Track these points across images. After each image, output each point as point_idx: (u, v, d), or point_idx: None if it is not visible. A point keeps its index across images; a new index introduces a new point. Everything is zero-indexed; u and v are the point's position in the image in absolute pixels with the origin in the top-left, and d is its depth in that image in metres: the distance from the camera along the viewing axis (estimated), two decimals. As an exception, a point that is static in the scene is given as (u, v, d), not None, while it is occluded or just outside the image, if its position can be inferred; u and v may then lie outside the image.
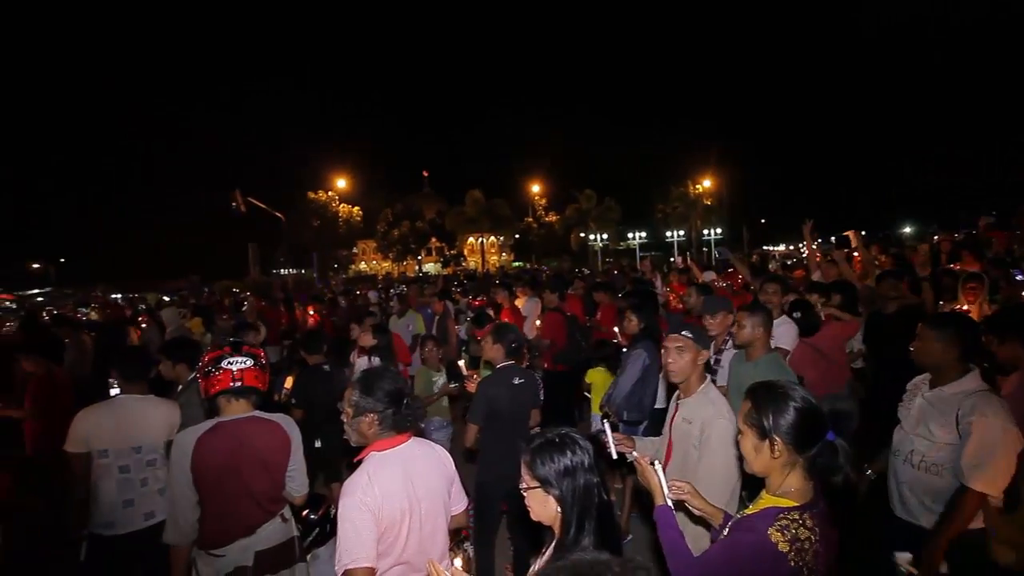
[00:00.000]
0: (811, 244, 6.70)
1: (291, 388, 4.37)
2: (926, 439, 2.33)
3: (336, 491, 3.90)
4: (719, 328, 3.61)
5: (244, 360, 2.30)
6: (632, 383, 3.73)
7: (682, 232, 44.37)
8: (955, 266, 6.22)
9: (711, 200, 44.09)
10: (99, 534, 2.72)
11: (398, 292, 11.40)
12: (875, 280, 4.81)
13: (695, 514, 1.94)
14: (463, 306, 9.59)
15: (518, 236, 50.02)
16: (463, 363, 4.05)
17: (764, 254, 21.63)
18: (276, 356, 7.81)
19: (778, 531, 1.41)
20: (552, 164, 48.32)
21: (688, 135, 62.29)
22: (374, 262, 52.89)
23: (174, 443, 2.24)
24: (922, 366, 2.46)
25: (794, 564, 1.39)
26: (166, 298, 15.40)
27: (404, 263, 49.81)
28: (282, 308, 9.69)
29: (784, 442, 1.49)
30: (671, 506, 1.76)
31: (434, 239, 50.56)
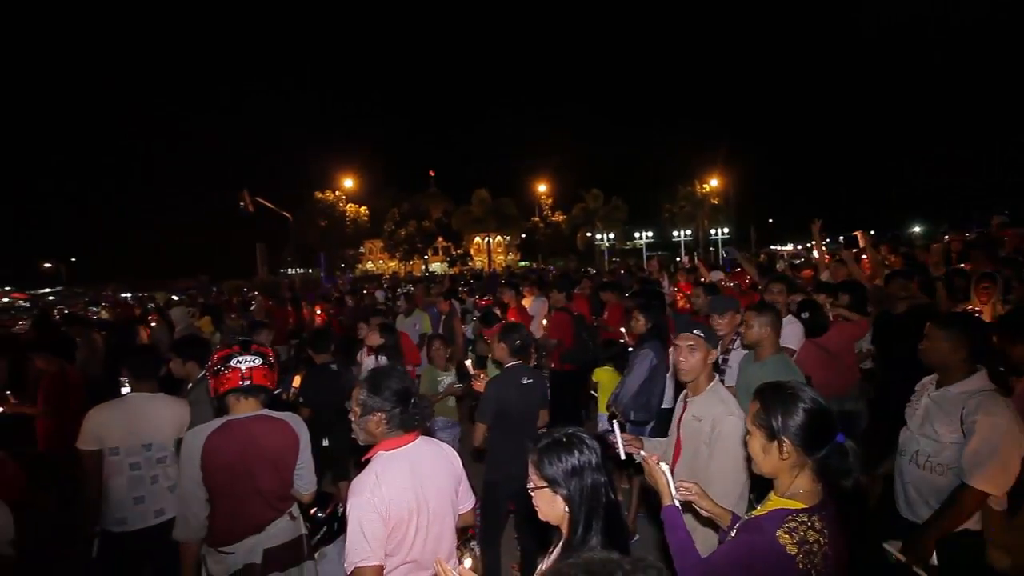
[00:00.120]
0: (820, 244, 6.65)
1: (299, 387, 4.40)
2: (931, 439, 2.32)
3: (344, 489, 3.93)
4: (727, 328, 3.61)
5: (253, 359, 2.31)
6: (639, 383, 3.72)
7: (689, 232, 44.18)
8: (966, 266, 6.15)
9: (718, 199, 43.92)
10: (110, 531, 2.76)
11: (404, 292, 11.43)
12: (884, 280, 4.77)
13: (703, 515, 1.93)
14: (469, 305, 9.61)
15: (524, 236, 50.00)
16: (470, 363, 4.06)
17: (772, 254, 21.50)
18: (283, 355, 7.87)
19: (786, 533, 1.41)
20: (559, 164, 48.32)
21: (695, 134, 62.20)
22: (381, 261, 53.06)
23: (184, 441, 2.26)
24: (929, 365, 2.46)
25: (802, 567, 1.38)
26: (175, 297, 15.51)
27: (411, 262, 49.92)
28: (289, 307, 9.75)
29: (793, 443, 1.48)
30: (679, 506, 1.76)
31: (440, 239, 50.68)
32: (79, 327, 6.94)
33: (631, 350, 4.20)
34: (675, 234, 44.58)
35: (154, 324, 8.51)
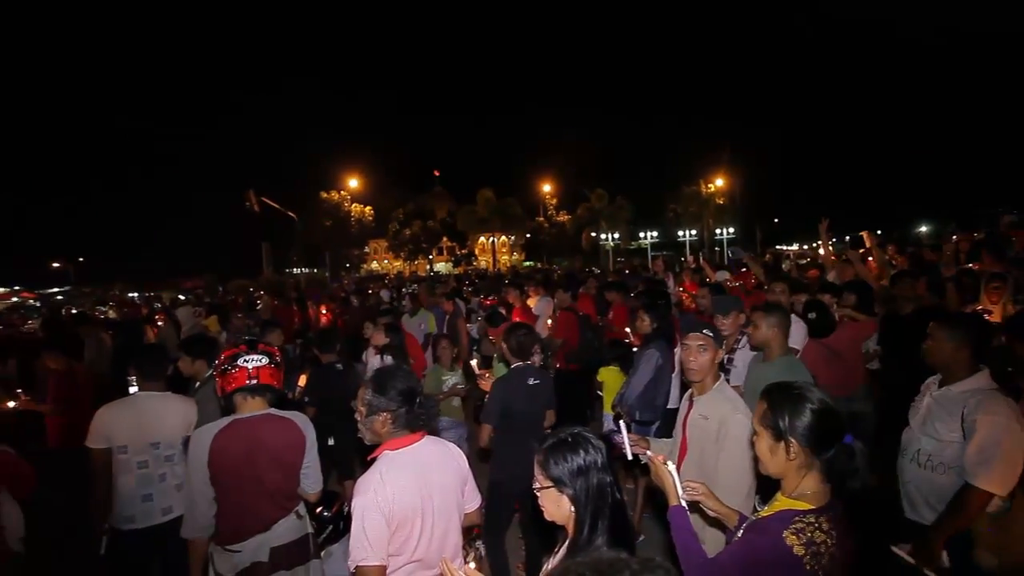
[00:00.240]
0: (826, 243, 6.61)
1: (305, 386, 4.42)
2: (933, 438, 2.32)
3: (349, 489, 3.94)
4: (731, 328, 3.60)
5: (259, 358, 2.32)
6: (645, 383, 3.71)
7: (694, 231, 43.99)
8: (975, 266, 6.10)
9: (723, 199, 43.69)
10: (119, 528, 2.78)
11: (409, 291, 11.45)
12: (890, 281, 4.74)
13: (710, 515, 1.92)
14: (475, 305, 9.61)
15: (529, 235, 49.93)
16: (475, 362, 4.06)
17: (777, 253, 21.40)
18: (289, 354, 7.88)
19: (793, 534, 1.40)
20: (563, 163, 48.18)
21: (700, 134, 61.90)
22: (386, 261, 53.14)
23: (191, 440, 2.27)
24: (932, 365, 2.46)
25: (809, 568, 1.37)
26: (181, 297, 15.61)
27: (415, 262, 49.98)
28: (295, 307, 9.79)
29: (800, 444, 1.47)
30: (685, 507, 1.75)
31: (445, 238, 50.69)
32: (87, 326, 7.00)
33: (636, 350, 4.19)
34: (680, 234, 44.40)
35: (161, 323, 8.58)
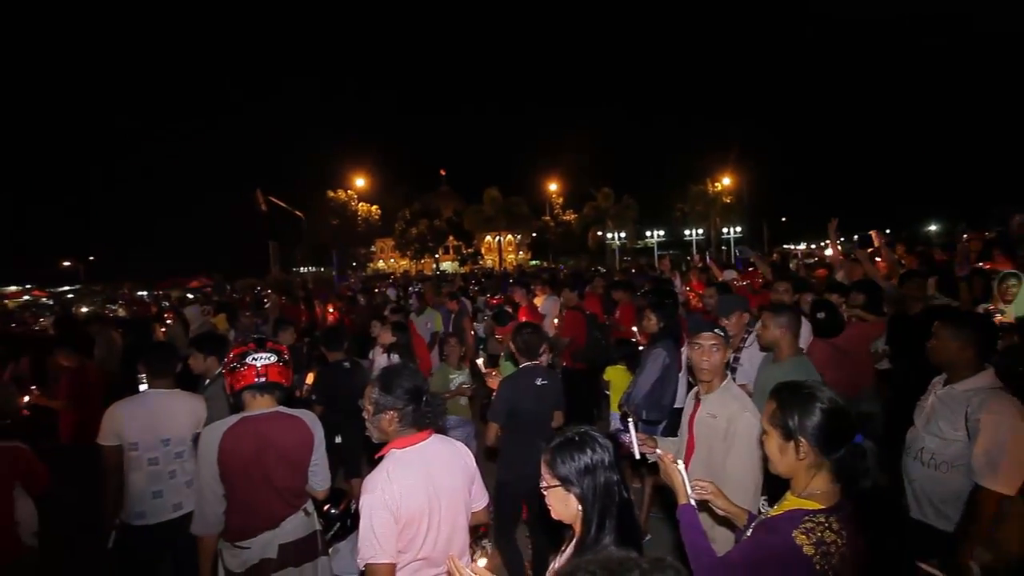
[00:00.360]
0: (835, 243, 6.56)
1: (312, 384, 4.44)
2: (936, 436, 2.32)
3: (356, 487, 3.96)
4: (736, 328, 3.62)
5: (268, 356, 2.34)
6: (652, 382, 3.70)
7: (701, 231, 43.79)
8: (985, 265, 6.04)
9: (730, 198, 43.46)
10: (130, 524, 2.81)
11: (416, 290, 11.48)
12: (899, 280, 4.70)
13: (719, 514, 1.92)
14: (481, 304, 9.62)
15: (535, 235, 49.89)
16: (481, 361, 4.07)
17: (785, 253, 21.28)
18: (296, 353, 7.91)
19: (803, 534, 1.39)
20: (570, 162, 48.06)
21: (707, 132, 61.66)
22: (392, 260, 53.27)
23: (201, 437, 2.29)
24: (937, 364, 2.46)
25: (819, 568, 1.37)
26: (189, 296, 15.71)
27: (422, 261, 50.07)
28: (302, 305, 9.84)
29: (810, 443, 1.47)
30: (694, 505, 1.75)
31: (451, 237, 50.74)
32: (97, 324, 7.07)
33: (643, 349, 4.18)
34: (687, 233, 44.23)
35: (169, 322, 8.64)
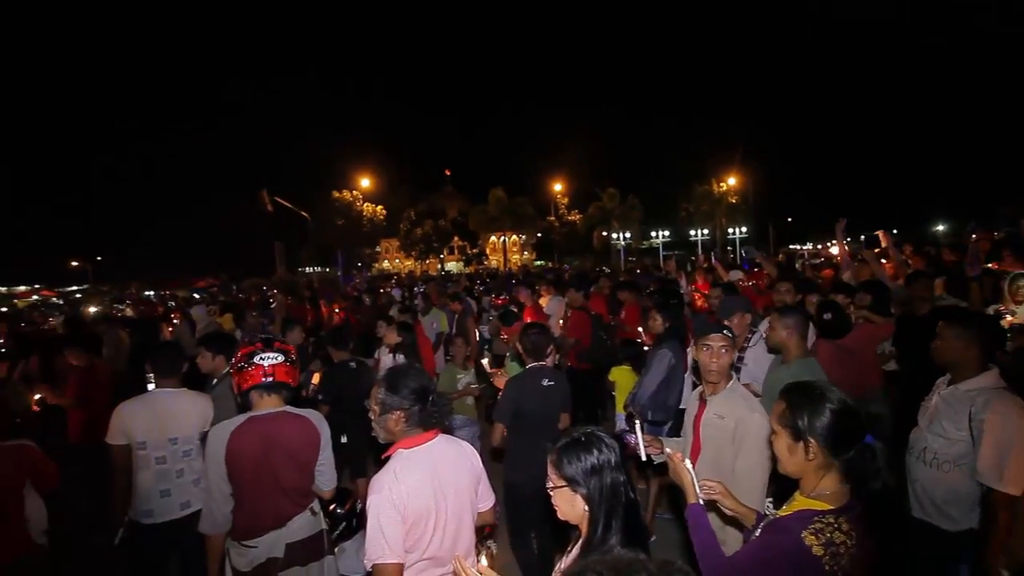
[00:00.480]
0: (842, 243, 6.52)
1: (318, 384, 4.46)
2: (940, 436, 2.32)
3: (362, 486, 3.97)
4: (738, 329, 3.63)
5: (275, 356, 2.34)
6: (657, 383, 3.70)
7: (706, 231, 43.64)
8: (994, 265, 5.99)
9: (736, 198, 43.31)
10: (138, 522, 2.83)
11: (421, 291, 11.51)
12: (906, 281, 4.67)
13: (727, 514, 1.91)
14: (486, 304, 9.63)
15: (540, 235, 49.88)
16: (486, 361, 4.07)
17: (791, 253, 21.20)
18: (301, 352, 7.94)
19: (812, 534, 1.39)
20: (574, 162, 47.98)
21: (712, 133, 61.22)
22: (397, 260, 53.40)
23: (209, 437, 2.30)
24: (941, 364, 2.46)
25: (828, 568, 1.36)
26: (196, 296, 15.81)
27: (427, 261, 50.16)
28: (308, 305, 9.88)
29: (819, 444, 1.46)
30: (703, 504, 1.75)
31: (456, 238, 50.83)
32: (105, 324, 7.13)
33: (648, 350, 4.17)
34: (692, 233, 44.09)
35: (176, 322, 8.69)
